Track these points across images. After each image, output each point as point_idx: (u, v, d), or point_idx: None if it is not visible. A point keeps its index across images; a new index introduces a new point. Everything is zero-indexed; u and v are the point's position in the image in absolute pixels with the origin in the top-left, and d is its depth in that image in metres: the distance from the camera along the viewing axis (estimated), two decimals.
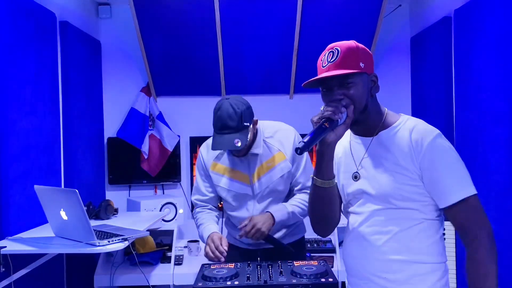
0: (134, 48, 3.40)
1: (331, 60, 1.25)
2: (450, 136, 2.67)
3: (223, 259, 1.86)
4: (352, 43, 1.28)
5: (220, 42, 3.26)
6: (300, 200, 2.02)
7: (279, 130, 2.04)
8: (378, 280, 1.30)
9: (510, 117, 2.07)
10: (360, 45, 1.28)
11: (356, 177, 1.33)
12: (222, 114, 1.85)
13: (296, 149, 1.16)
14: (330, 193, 1.31)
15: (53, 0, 2.64)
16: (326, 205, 1.33)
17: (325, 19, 3.21)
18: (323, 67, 1.27)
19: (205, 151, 2.09)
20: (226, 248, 1.89)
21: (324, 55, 1.28)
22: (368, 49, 1.31)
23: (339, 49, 1.25)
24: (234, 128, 1.84)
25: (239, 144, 1.82)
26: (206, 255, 1.93)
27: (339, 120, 1.20)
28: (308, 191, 1.97)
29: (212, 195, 2.10)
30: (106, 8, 3.42)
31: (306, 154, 1.99)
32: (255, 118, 1.95)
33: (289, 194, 2.08)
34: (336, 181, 1.31)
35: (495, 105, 2.19)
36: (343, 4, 3.16)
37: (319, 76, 1.25)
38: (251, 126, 1.91)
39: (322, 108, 1.23)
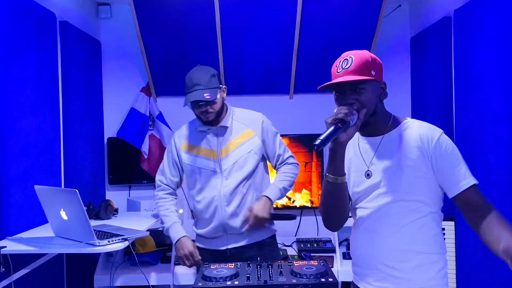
0: (134, 48, 3.40)
1: (345, 67, 1.35)
2: (450, 136, 2.64)
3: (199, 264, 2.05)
4: (365, 52, 1.39)
5: (220, 42, 3.26)
6: (285, 174, 2.16)
7: (249, 113, 2.19)
8: (386, 269, 1.40)
9: (510, 117, 2.07)
10: (372, 54, 1.40)
11: (368, 175, 1.43)
12: (193, 75, 2.06)
13: (314, 145, 1.25)
14: (341, 189, 1.38)
15: (53, 0, 2.64)
16: (337, 200, 1.41)
17: (325, 19, 3.20)
18: (337, 73, 1.37)
19: (177, 135, 2.24)
20: (199, 257, 2.09)
21: (339, 62, 1.38)
22: (379, 59, 1.42)
23: (353, 57, 1.36)
24: (204, 85, 2.02)
25: (209, 96, 1.99)
26: (181, 262, 2.12)
27: (350, 121, 1.30)
28: (288, 162, 2.17)
29: (175, 179, 2.23)
30: (106, 8, 3.42)
31: (275, 130, 2.19)
32: (223, 86, 2.11)
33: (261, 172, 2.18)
34: (345, 178, 1.39)
35: (495, 105, 2.19)
36: (343, 4, 3.16)
37: (334, 81, 1.35)
38: (220, 90, 2.08)
39: (335, 111, 1.32)
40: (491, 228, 1.27)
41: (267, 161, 2.24)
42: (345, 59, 1.37)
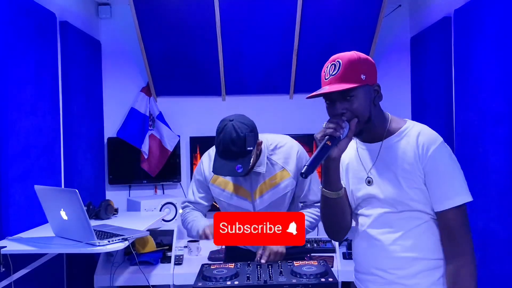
0: (134, 48, 3.40)
1: (333, 73, 1.27)
2: (450, 136, 2.67)
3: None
4: (353, 54, 1.29)
5: (220, 42, 3.26)
6: (309, 214, 1.98)
7: (282, 146, 2.00)
8: (387, 276, 1.36)
9: (510, 117, 2.06)
10: (362, 55, 1.31)
11: (369, 182, 1.38)
12: (225, 138, 1.78)
13: (301, 174, 1.19)
14: (339, 202, 1.36)
15: (53, 0, 2.64)
16: (336, 213, 1.39)
17: (325, 19, 3.20)
18: (325, 79, 1.29)
19: (207, 162, 2.02)
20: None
21: (327, 68, 1.30)
22: (370, 59, 1.33)
23: (340, 61, 1.27)
24: (236, 154, 1.77)
25: (241, 170, 1.78)
26: (206, 236, 1.89)
27: (341, 136, 1.24)
28: (317, 205, 1.96)
29: (205, 203, 2.07)
30: (106, 8, 3.42)
31: None
32: (259, 140, 1.89)
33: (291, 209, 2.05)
34: (343, 192, 1.35)
35: (495, 105, 2.19)
36: (343, 4, 3.16)
37: (320, 91, 1.28)
38: (255, 149, 1.84)
39: (324, 125, 1.26)
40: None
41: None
42: (332, 64, 1.29)
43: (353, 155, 1.43)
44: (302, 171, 1.18)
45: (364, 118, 1.29)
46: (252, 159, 1.83)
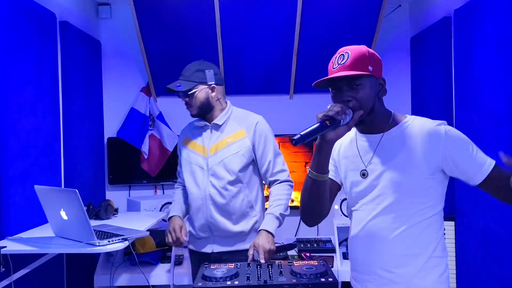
0: (134, 48, 3.40)
1: (341, 63, 1.30)
2: None
3: (183, 245, 2.13)
4: (362, 47, 1.33)
5: (220, 42, 3.26)
6: (278, 198, 2.05)
7: (247, 114, 2.16)
8: (386, 274, 1.34)
9: (510, 117, 2.06)
10: (370, 50, 1.34)
11: (364, 175, 1.37)
12: (185, 67, 2.11)
13: (291, 140, 1.21)
14: (321, 186, 1.34)
15: (53, 0, 2.64)
16: (317, 197, 1.36)
17: (325, 19, 3.21)
18: (333, 68, 1.32)
19: (182, 130, 2.30)
20: (185, 238, 2.08)
21: (335, 58, 1.33)
22: (377, 55, 1.36)
23: (349, 52, 1.30)
24: (185, 76, 2.08)
25: (180, 86, 2.05)
26: (167, 242, 2.10)
27: (341, 120, 1.24)
28: (280, 179, 2.06)
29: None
30: (106, 8, 3.42)
31: (271, 136, 2.10)
32: (215, 85, 2.10)
33: (259, 179, 2.15)
34: (327, 177, 1.34)
35: (495, 105, 2.19)
36: (343, 4, 3.16)
37: (329, 76, 1.30)
38: (205, 87, 2.08)
39: (329, 106, 1.27)
40: None
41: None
42: (341, 55, 1.31)
43: (352, 147, 1.43)
44: (293, 138, 1.21)
45: (367, 109, 1.31)
46: (196, 91, 2.07)
